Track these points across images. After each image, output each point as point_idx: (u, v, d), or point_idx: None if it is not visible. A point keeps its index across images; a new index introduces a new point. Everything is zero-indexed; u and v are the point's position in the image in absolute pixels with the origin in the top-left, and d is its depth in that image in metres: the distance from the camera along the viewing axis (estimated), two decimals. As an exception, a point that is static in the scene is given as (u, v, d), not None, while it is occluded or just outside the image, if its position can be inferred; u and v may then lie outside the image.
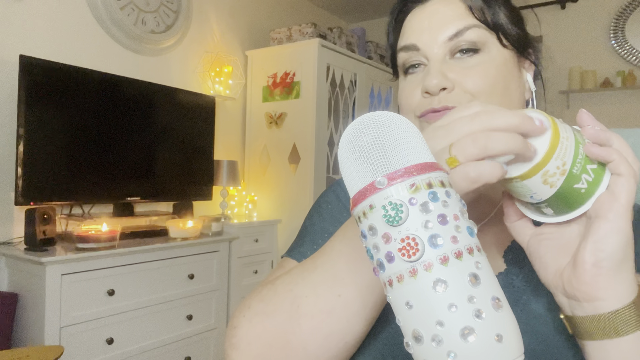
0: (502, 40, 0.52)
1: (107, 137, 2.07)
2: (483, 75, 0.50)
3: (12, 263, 1.79)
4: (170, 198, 2.38)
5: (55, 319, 1.63)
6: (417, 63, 0.53)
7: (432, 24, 0.52)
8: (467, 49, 0.51)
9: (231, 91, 2.85)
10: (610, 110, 3.16)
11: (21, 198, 1.78)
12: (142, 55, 2.42)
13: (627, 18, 3.11)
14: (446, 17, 0.52)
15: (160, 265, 1.97)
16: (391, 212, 0.29)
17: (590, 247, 0.36)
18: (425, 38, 0.52)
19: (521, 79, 0.55)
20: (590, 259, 0.36)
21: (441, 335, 0.28)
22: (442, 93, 0.50)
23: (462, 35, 0.51)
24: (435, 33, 0.52)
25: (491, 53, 0.51)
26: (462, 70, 0.51)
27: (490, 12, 0.52)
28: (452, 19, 0.51)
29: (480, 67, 0.51)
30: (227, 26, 2.92)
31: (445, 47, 0.51)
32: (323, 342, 0.41)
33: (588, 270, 0.36)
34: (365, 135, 0.32)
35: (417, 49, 0.53)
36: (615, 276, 0.36)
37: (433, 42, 0.52)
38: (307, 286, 0.42)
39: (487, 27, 0.51)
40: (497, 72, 0.51)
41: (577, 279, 0.37)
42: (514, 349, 0.28)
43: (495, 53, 0.51)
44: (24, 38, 1.96)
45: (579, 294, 0.37)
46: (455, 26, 0.51)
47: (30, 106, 1.79)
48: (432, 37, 0.52)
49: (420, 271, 0.28)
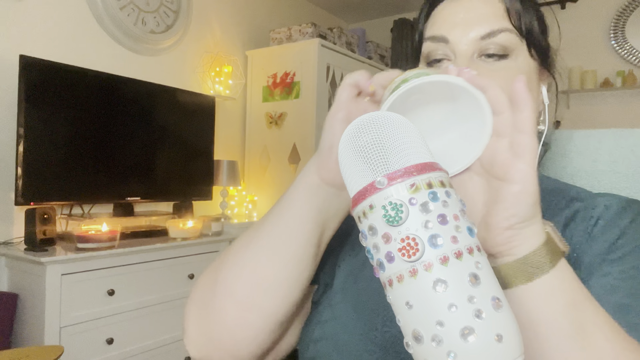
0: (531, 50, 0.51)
1: (107, 137, 2.07)
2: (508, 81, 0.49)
3: (12, 263, 1.79)
4: (170, 198, 2.38)
5: (55, 319, 1.63)
6: (442, 58, 0.52)
7: (467, 19, 0.51)
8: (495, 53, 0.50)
9: (231, 91, 2.85)
10: (610, 110, 3.16)
11: (21, 198, 1.78)
12: (142, 55, 2.42)
13: (627, 18, 3.11)
14: (483, 14, 0.50)
15: (160, 265, 1.97)
16: (391, 212, 0.29)
17: (502, 212, 0.36)
18: (457, 32, 0.51)
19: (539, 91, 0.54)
20: (504, 223, 0.36)
21: (441, 335, 0.28)
22: None
23: (494, 36, 0.49)
24: (469, 29, 0.50)
25: (518, 60, 0.50)
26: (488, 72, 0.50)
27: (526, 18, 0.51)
28: (488, 18, 0.50)
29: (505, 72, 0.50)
30: (227, 26, 2.92)
31: (475, 45, 0.50)
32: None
33: (502, 233, 0.37)
34: (365, 135, 0.32)
35: (447, 42, 0.51)
36: (526, 231, 0.37)
37: (464, 37, 0.50)
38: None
39: (520, 33, 0.50)
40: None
41: (492, 240, 0.37)
42: (514, 349, 0.28)
43: (521, 61, 0.51)
44: (24, 38, 1.96)
45: (493, 252, 0.38)
46: (490, 26, 0.50)
47: (30, 106, 1.79)
48: (464, 32, 0.50)
49: (420, 271, 0.28)
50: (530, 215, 0.36)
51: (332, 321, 0.52)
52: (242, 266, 0.46)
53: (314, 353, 0.52)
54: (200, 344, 0.48)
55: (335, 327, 0.51)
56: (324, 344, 0.51)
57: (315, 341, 0.52)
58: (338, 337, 0.51)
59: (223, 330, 0.46)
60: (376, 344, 0.49)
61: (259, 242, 0.46)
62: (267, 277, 0.45)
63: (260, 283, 0.45)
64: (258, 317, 0.46)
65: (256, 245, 0.46)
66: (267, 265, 0.45)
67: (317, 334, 0.52)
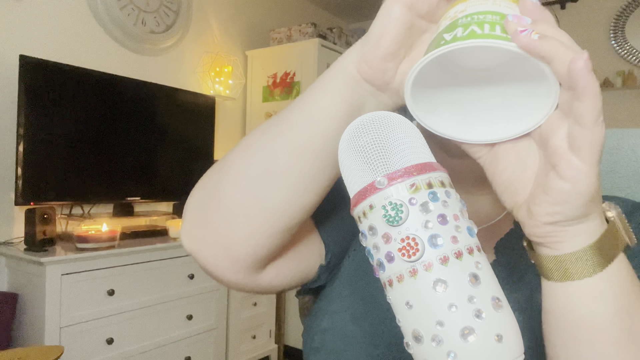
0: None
1: (107, 137, 2.07)
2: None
3: (12, 263, 1.79)
4: (170, 198, 2.38)
5: (55, 319, 1.63)
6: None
7: None
8: None
9: (231, 91, 2.85)
10: (610, 110, 3.16)
11: (21, 198, 1.78)
12: (142, 55, 2.42)
13: (627, 18, 3.11)
14: None
15: (160, 265, 1.97)
16: (391, 212, 0.29)
17: (546, 207, 0.32)
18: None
19: None
20: (546, 218, 0.32)
21: (441, 335, 0.28)
22: None
23: None
24: None
25: None
26: None
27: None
28: None
29: None
30: (227, 26, 2.92)
31: None
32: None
33: (542, 227, 0.33)
34: (365, 135, 0.32)
35: None
36: (573, 229, 0.33)
37: None
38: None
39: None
40: None
41: (530, 229, 0.34)
42: (514, 349, 0.28)
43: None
44: (24, 38, 1.96)
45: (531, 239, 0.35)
46: None
47: (30, 106, 1.79)
48: None
49: (420, 271, 0.28)
50: (579, 215, 0.32)
51: (341, 312, 0.51)
52: (254, 150, 0.41)
53: (320, 343, 0.52)
54: (195, 233, 0.44)
55: (344, 318, 0.51)
56: (331, 334, 0.51)
57: (322, 331, 0.52)
58: (346, 329, 0.50)
59: (221, 218, 0.42)
60: (382, 339, 0.49)
61: (278, 128, 0.40)
62: (278, 167, 0.39)
63: (272, 173, 0.40)
64: (261, 212, 0.40)
65: (275, 131, 0.40)
66: (282, 153, 0.39)
67: (325, 324, 0.52)
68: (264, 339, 2.56)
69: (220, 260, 0.43)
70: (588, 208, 0.32)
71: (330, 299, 0.53)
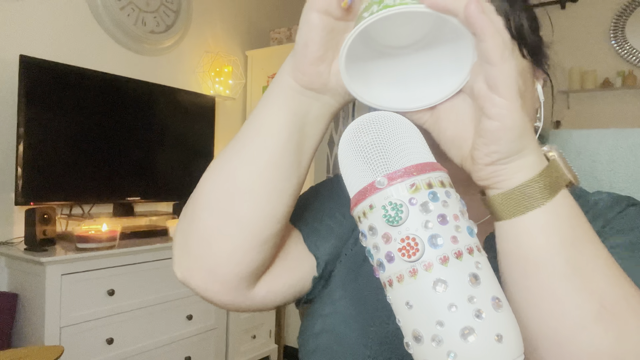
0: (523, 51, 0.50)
1: (107, 137, 2.07)
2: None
3: (12, 263, 1.79)
4: (170, 198, 2.38)
5: (55, 319, 1.63)
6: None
7: None
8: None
9: (231, 91, 2.85)
10: (610, 110, 3.16)
11: (21, 198, 1.78)
12: (142, 55, 2.42)
13: (627, 18, 3.11)
14: None
15: (160, 265, 1.97)
16: (391, 212, 0.29)
17: (483, 148, 0.34)
18: None
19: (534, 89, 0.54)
20: (485, 159, 0.34)
21: (441, 335, 0.28)
22: None
23: None
24: None
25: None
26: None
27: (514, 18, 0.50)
28: None
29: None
30: (227, 26, 2.92)
31: None
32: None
33: (484, 169, 0.35)
34: (365, 135, 0.32)
35: None
36: (513, 165, 0.34)
37: None
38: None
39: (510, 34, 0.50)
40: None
41: (476, 174, 0.36)
42: (514, 349, 0.28)
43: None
44: (24, 38, 1.96)
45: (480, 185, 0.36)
46: None
47: (30, 106, 1.79)
48: None
49: (420, 271, 0.28)
50: (515, 150, 0.34)
51: (333, 315, 0.52)
52: (217, 174, 0.44)
53: (314, 346, 0.52)
54: (183, 263, 0.46)
55: (336, 320, 0.52)
56: (325, 336, 0.52)
57: (316, 334, 0.52)
58: (338, 330, 0.51)
59: (200, 243, 0.44)
60: (373, 339, 0.50)
61: (234, 149, 0.43)
62: (242, 184, 0.42)
63: (236, 191, 0.42)
64: (235, 227, 0.43)
65: (231, 152, 0.44)
66: (242, 172, 0.42)
67: (318, 327, 0.53)
68: (264, 339, 2.56)
69: (210, 285, 0.45)
70: (521, 142, 0.33)
71: (323, 302, 0.54)
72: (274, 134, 0.41)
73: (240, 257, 0.43)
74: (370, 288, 0.52)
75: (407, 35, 0.39)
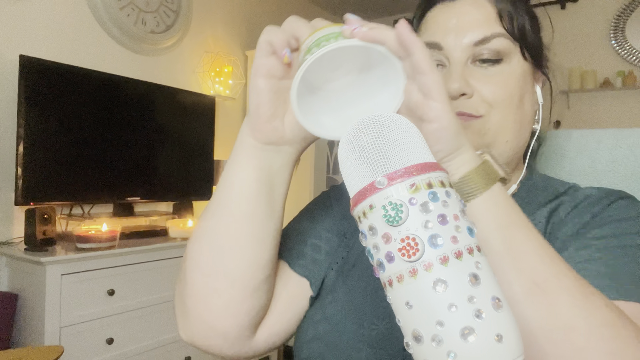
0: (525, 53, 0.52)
1: (107, 137, 2.07)
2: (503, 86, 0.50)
3: (12, 263, 1.79)
4: (170, 198, 2.38)
5: (55, 319, 1.63)
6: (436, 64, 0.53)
7: (460, 25, 0.51)
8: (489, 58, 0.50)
9: (231, 91, 2.85)
10: (610, 110, 3.16)
11: (21, 198, 1.78)
12: (142, 55, 2.42)
13: (627, 18, 3.11)
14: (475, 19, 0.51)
15: (160, 265, 1.97)
16: (391, 212, 0.29)
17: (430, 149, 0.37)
18: (450, 39, 0.51)
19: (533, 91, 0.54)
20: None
21: (441, 335, 0.28)
22: (461, 98, 0.50)
23: (488, 42, 0.50)
24: (462, 35, 0.51)
25: (512, 64, 0.51)
26: (482, 78, 0.50)
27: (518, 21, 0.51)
28: (480, 23, 0.51)
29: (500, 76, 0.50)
30: (227, 26, 2.92)
31: (468, 52, 0.51)
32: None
33: None
34: (366, 135, 0.32)
35: (440, 48, 0.52)
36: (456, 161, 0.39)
37: (457, 44, 0.51)
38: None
39: (513, 37, 0.51)
40: (516, 84, 0.51)
41: None
42: (514, 349, 0.28)
43: (515, 64, 0.51)
44: (24, 38, 1.96)
45: None
46: (483, 31, 0.50)
47: (30, 106, 1.79)
48: (457, 38, 0.51)
49: (420, 271, 0.28)
50: (455, 147, 0.38)
51: (323, 321, 0.52)
52: (200, 235, 0.47)
53: (307, 353, 0.52)
54: (185, 324, 0.49)
55: (327, 326, 0.52)
56: (317, 344, 0.52)
57: (308, 341, 0.52)
58: (329, 337, 0.51)
59: (197, 302, 0.47)
60: (364, 342, 0.49)
61: (211, 209, 0.47)
62: (223, 240, 0.45)
63: (218, 247, 0.45)
64: (224, 281, 0.45)
65: (209, 212, 0.47)
66: (223, 229, 0.45)
67: (309, 334, 0.53)
68: (264, 339, 2.56)
69: (212, 341, 0.48)
70: (458, 140, 0.38)
71: (315, 308, 0.55)
72: (244, 190, 0.45)
73: (236, 308, 0.46)
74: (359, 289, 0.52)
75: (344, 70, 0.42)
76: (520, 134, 0.53)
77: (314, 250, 0.56)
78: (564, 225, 0.49)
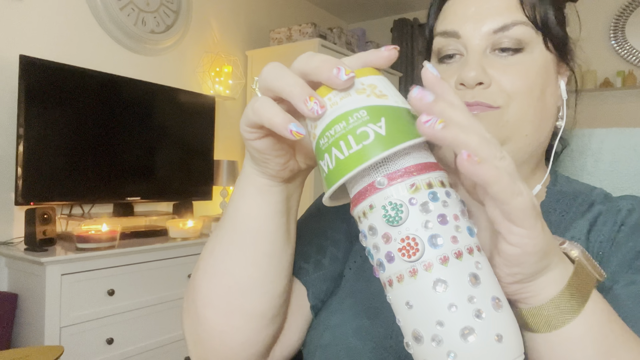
0: (547, 43, 0.49)
1: (107, 137, 2.07)
2: (523, 76, 0.48)
3: (12, 263, 1.79)
4: (170, 198, 2.38)
5: (55, 319, 1.63)
6: (453, 53, 0.50)
7: (479, 12, 0.49)
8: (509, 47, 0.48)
9: (231, 91, 2.85)
10: (610, 110, 3.16)
11: (21, 198, 1.78)
12: (142, 55, 2.42)
13: (627, 18, 3.11)
14: (495, 6, 0.48)
15: (160, 265, 1.97)
16: (391, 212, 0.29)
17: (504, 269, 0.32)
18: (468, 27, 0.49)
19: (557, 85, 0.52)
20: (508, 279, 0.33)
21: (441, 335, 0.28)
22: (478, 88, 0.47)
23: (508, 30, 0.47)
24: (481, 23, 0.48)
25: (533, 54, 0.48)
26: (502, 67, 0.48)
27: (541, 9, 0.49)
28: (501, 10, 0.48)
29: (520, 66, 0.48)
30: (227, 26, 2.92)
31: (488, 40, 0.48)
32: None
33: (508, 287, 0.33)
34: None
35: (458, 37, 0.50)
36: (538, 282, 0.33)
37: (476, 32, 0.48)
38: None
39: (535, 26, 0.48)
40: (537, 75, 0.48)
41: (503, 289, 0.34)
42: (514, 349, 0.28)
43: (537, 55, 0.49)
44: (24, 38, 1.96)
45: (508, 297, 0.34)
46: (503, 19, 0.48)
47: (30, 106, 1.79)
48: (476, 26, 0.48)
49: (420, 271, 0.28)
50: (538, 270, 0.32)
51: (342, 326, 0.49)
52: (212, 274, 0.44)
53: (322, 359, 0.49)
54: (199, 353, 0.47)
55: (347, 332, 0.48)
56: (334, 349, 0.48)
57: (324, 346, 0.49)
58: (349, 343, 0.48)
59: (213, 339, 0.45)
60: (391, 353, 0.46)
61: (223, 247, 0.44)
62: (241, 279, 0.43)
63: (237, 286, 0.43)
64: (242, 319, 0.44)
65: (222, 250, 0.44)
66: (239, 269, 0.43)
67: (325, 339, 0.49)
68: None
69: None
70: (544, 262, 0.32)
71: (331, 311, 0.51)
72: (262, 230, 0.42)
73: (254, 341, 0.45)
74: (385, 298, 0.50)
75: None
76: (541, 128, 0.50)
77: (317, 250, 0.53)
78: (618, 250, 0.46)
